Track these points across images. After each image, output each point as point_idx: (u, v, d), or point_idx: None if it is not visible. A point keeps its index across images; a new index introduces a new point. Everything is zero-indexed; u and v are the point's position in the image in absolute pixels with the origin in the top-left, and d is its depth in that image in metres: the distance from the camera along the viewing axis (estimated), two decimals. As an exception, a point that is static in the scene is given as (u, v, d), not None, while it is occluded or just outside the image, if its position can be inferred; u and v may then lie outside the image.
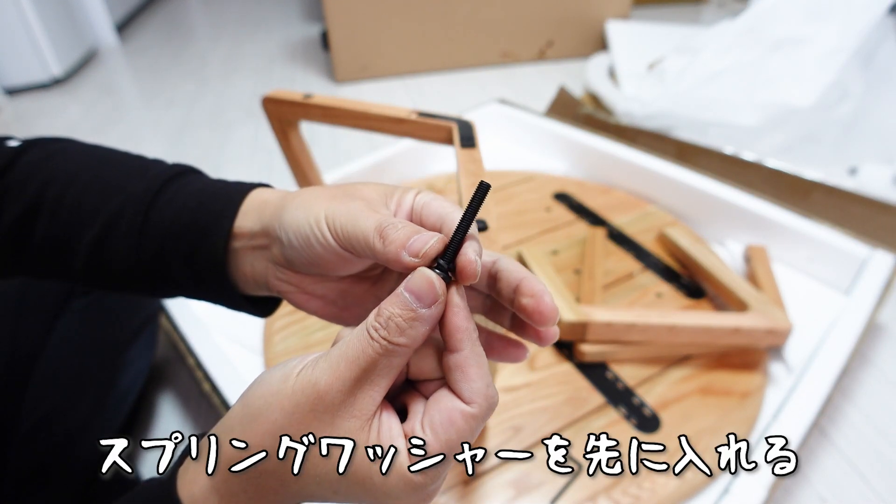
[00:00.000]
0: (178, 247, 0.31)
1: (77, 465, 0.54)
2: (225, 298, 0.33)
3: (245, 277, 0.31)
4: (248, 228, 0.30)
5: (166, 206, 0.31)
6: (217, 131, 1.41)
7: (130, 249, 0.31)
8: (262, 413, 0.21)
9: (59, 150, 0.35)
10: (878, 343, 0.73)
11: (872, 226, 0.83)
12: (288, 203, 0.27)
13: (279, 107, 0.61)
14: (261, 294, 0.32)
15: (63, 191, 0.32)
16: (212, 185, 0.33)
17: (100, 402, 0.56)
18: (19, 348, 0.51)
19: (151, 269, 0.32)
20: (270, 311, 0.35)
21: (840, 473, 0.58)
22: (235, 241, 0.30)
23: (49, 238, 0.32)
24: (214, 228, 0.30)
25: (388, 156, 0.97)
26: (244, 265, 0.31)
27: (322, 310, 0.30)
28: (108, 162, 0.34)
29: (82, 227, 0.32)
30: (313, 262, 0.27)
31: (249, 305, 0.33)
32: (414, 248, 0.22)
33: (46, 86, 1.71)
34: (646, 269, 0.77)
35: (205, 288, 0.32)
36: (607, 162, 0.96)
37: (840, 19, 0.96)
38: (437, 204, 0.25)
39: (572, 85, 1.35)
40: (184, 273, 0.31)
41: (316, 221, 0.25)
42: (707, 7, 2.15)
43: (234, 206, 0.30)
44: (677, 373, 0.62)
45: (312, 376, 0.21)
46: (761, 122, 0.97)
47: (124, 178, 0.33)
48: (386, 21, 1.57)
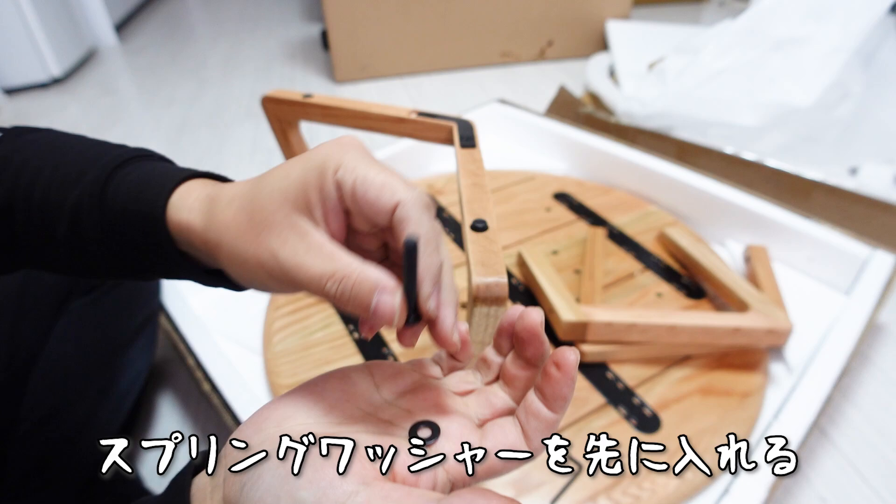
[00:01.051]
0: (133, 234, 0.29)
1: (77, 465, 0.54)
2: (195, 275, 0.31)
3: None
4: (190, 223, 0.28)
5: (114, 195, 0.30)
6: (216, 131, 1.41)
7: (98, 244, 0.30)
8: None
9: (28, 141, 0.34)
10: (879, 343, 0.73)
11: (873, 226, 0.83)
12: (217, 244, 0.26)
13: (279, 106, 0.61)
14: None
15: (30, 185, 0.31)
16: (152, 170, 0.31)
17: (100, 402, 0.56)
18: (19, 348, 0.51)
19: (122, 258, 0.30)
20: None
21: (840, 473, 0.58)
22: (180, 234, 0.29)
23: (29, 234, 0.32)
24: (153, 216, 0.28)
25: (388, 156, 0.97)
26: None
27: None
28: (66, 150, 0.33)
29: (53, 223, 0.31)
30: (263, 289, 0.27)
31: (222, 279, 0.30)
32: (380, 314, 0.22)
33: (46, 85, 1.71)
34: (646, 269, 0.77)
35: (173, 269, 0.30)
36: (607, 162, 0.96)
37: (840, 19, 0.96)
38: (378, 184, 0.23)
39: (572, 85, 1.35)
40: (147, 259, 0.30)
41: (260, 281, 0.25)
42: (707, 7, 2.15)
43: (164, 195, 0.28)
44: (677, 373, 0.62)
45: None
46: (761, 122, 0.97)
47: (81, 166, 0.31)
48: (386, 21, 1.57)
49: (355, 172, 0.23)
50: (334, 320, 0.69)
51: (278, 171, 0.25)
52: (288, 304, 0.72)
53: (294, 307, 0.71)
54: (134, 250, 0.30)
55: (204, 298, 0.74)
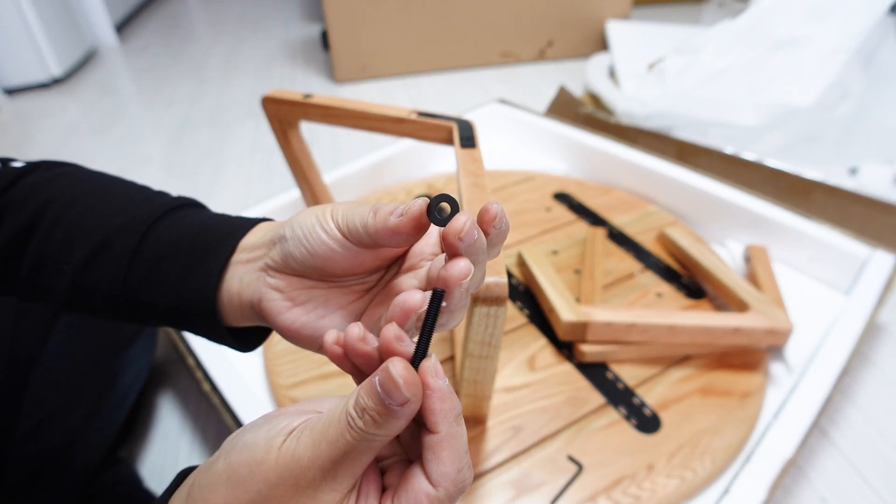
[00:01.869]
0: (172, 267, 0.31)
1: (77, 466, 0.54)
2: (206, 326, 0.32)
3: (231, 297, 0.30)
4: (251, 242, 0.30)
5: (165, 231, 0.32)
6: (217, 131, 1.41)
7: (118, 270, 0.31)
8: (247, 481, 0.21)
9: (63, 173, 0.35)
10: (879, 343, 0.73)
11: (873, 226, 0.83)
12: (300, 212, 0.29)
13: (279, 107, 0.61)
14: (243, 324, 0.32)
15: (62, 212, 0.32)
16: (222, 216, 0.33)
17: (99, 403, 0.56)
18: (18, 349, 0.51)
19: (135, 294, 0.31)
20: (252, 346, 0.35)
21: (840, 473, 0.58)
22: (235, 255, 0.31)
23: (39, 256, 0.32)
24: (220, 246, 0.31)
25: (388, 156, 0.97)
26: (232, 281, 0.30)
27: (301, 318, 0.29)
28: (109, 188, 0.34)
29: (74, 247, 0.32)
30: (315, 251, 0.27)
31: (231, 338, 0.32)
32: (398, 210, 0.24)
33: (46, 86, 1.71)
34: (646, 269, 0.77)
35: (188, 315, 0.31)
36: (607, 162, 0.96)
37: (840, 19, 0.96)
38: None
39: (572, 85, 1.35)
40: (168, 298, 0.31)
41: (322, 213, 0.27)
42: (707, 7, 2.15)
43: (244, 229, 0.31)
44: (677, 373, 0.62)
45: (296, 452, 0.21)
46: (761, 122, 0.97)
47: (127, 204, 0.33)
48: (386, 21, 1.57)
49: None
50: (334, 320, 0.69)
51: None
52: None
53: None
54: (158, 284, 0.31)
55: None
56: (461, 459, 0.21)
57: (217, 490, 0.22)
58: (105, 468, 0.58)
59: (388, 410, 0.20)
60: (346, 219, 0.26)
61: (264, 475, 0.21)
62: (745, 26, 1.04)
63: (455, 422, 0.21)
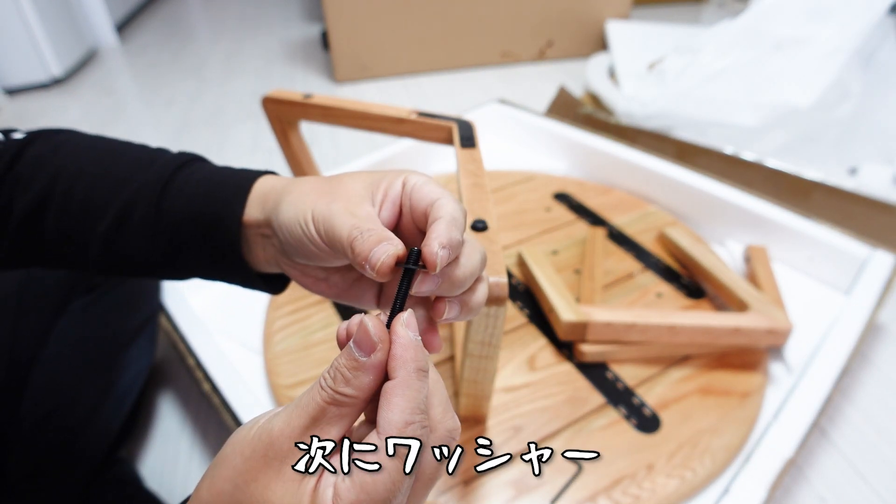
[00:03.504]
0: (193, 234, 0.33)
1: (77, 466, 0.54)
2: (240, 277, 0.34)
3: (258, 260, 0.33)
4: (255, 218, 0.32)
5: (176, 196, 0.33)
6: (217, 131, 1.41)
7: (145, 240, 0.33)
8: (227, 458, 0.21)
9: (64, 141, 0.36)
10: (878, 343, 0.73)
11: (872, 226, 0.83)
12: (283, 198, 0.29)
13: (279, 107, 0.61)
14: (273, 271, 0.34)
15: (71, 185, 0.33)
16: (218, 172, 0.34)
17: (99, 403, 0.56)
18: (19, 348, 0.51)
19: (167, 256, 0.34)
20: (282, 288, 0.37)
21: (840, 473, 0.58)
22: (246, 230, 0.32)
23: (60, 232, 0.34)
24: (226, 217, 0.32)
25: (388, 156, 0.97)
26: (257, 249, 0.33)
27: (329, 290, 0.31)
28: (113, 154, 0.35)
29: (94, 220, 0.33)
30: (308, 257, 0.28)
31: (262, 282, 0.35)
32: (372, 262, 0.23)
33: (46, 86, 1.71)
34: (646, 269, 0.77)
35: (220, 269, 0.34)
36: (607, 162, 0.96)
37: (840, 19, 0.96)
38: (427, 189, 0.27)
39: (572, 85, 1.35)
40: (199, 258, 0.34)
41: (304, 221, 0.27)
42: (707, 7, 2.15)
43: (242, 195, 0.32)
44: (677, 373, 0.62)
45: (269, 423, 0.21)
46: (761, 122, 0.97)
47: (131, 169, 0.34)
48: (386, 21, 1.57)
49: (419, 179, 0.28)
50: (335, 320, 0.69)
51: (361, 173, 0.30)
52: (288, 304, 0.72)
53: (294, 307, 0.71)
54: (185, 247, 0.33)
55: (204, 298, 0.74)
56: (413, 413, 0.20)
57: (205, 478, 0.22)
58: (105, 468, 0.58)
59: (357, 364, 0.21)
60: (328, 233, 0.26)
61: (241, 450, 0.21)
62: (745, 26, 1.04)
63: (416, 374, 0.21)
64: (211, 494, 0.21)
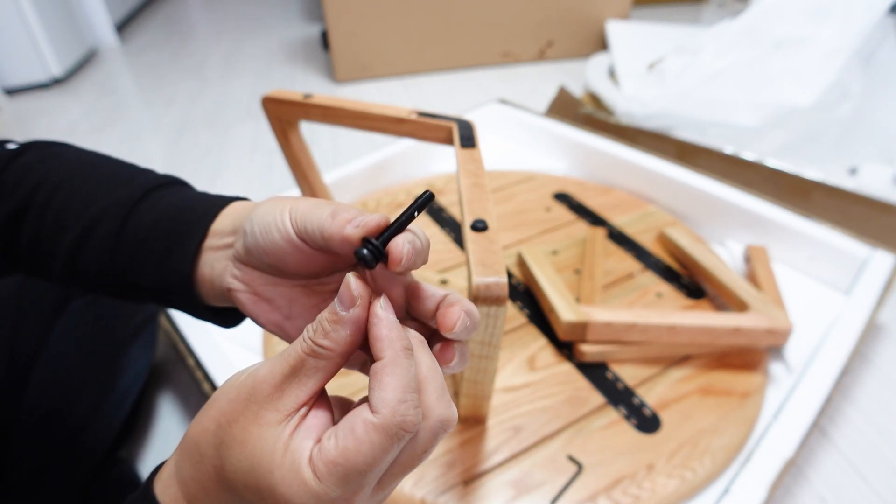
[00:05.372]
0: (153, 249, 0.32)
1: (77, 465, 0.54)
2: (188, 306, 0.33)
3: (204, 281, 0.31)
4: (221, 228, 0.31)
5: (146, 212, 0.32)
6: (217, 131, 1.41)
7: (104, 253, 0.32)
8: (216, 400, 0.23)
9: (54, 153, 0.36)
10: (878, 343, 0.73)
11: (872, 226, 0.83)
12: (261, 205, 0.29)
13: (279, 107, 0.61)
14: (219, 304, 0.32)
15: (51, 194, 0.33)
16: (196, 195, 0.34)
17: (99, 403, 0.56)
18: (18, 349, 0.51)
19: (122, 274, 0.33)
20: (235, 323, 0.36)
21: (840, 473, 0.58)
22: (207, 240, 0.31)
23: (33, 240, 0.34)
24: (192, 229, 0.31)
25: (388, 156, 0.97)
26: (205, 267, 0.31)
27: (267, 315, 0.30)
28: (95, 168, 0.35)
29: (63, 231, 0.33)
30: (269, 251, 0.27)
31: (211, 315, 0.34)
32: (356, 221, 0.24)
33: (46, 86, 1.71)
34: (646, 269, 0.77)
35: (169, 295, 0.33)
36: (607, 162, 0.96)
37: (840, 19, 0.96)
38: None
39: (572, 85, 1.36)
40: (151, 279, 0.32)
41: (280, 212, 0.27)
42: (707, 7, 2.15)
43: (215, 210, 0.32)
44: (677, 373, 0.62)
45: (256, 371, 0.22)
46: (761, 122, 0.97)
47: (110, 185, 0.34)
48: (386, 21, 1.57)
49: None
50: (334, 320, 0.69)
51: None
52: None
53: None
54: (142, 264, 0.32)
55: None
56: (405, 392, 0.21)
57: (198, 413, 0.24)
58: (105, 468, 0.58)
59: (336, 317, 0.22)
60: (304, 220, 0.26)
61: (227, 392, 0.22)
62: (745, 26, 1.04)
63: (402, 353, 0.22)
64: (196, 432, 0.23)
